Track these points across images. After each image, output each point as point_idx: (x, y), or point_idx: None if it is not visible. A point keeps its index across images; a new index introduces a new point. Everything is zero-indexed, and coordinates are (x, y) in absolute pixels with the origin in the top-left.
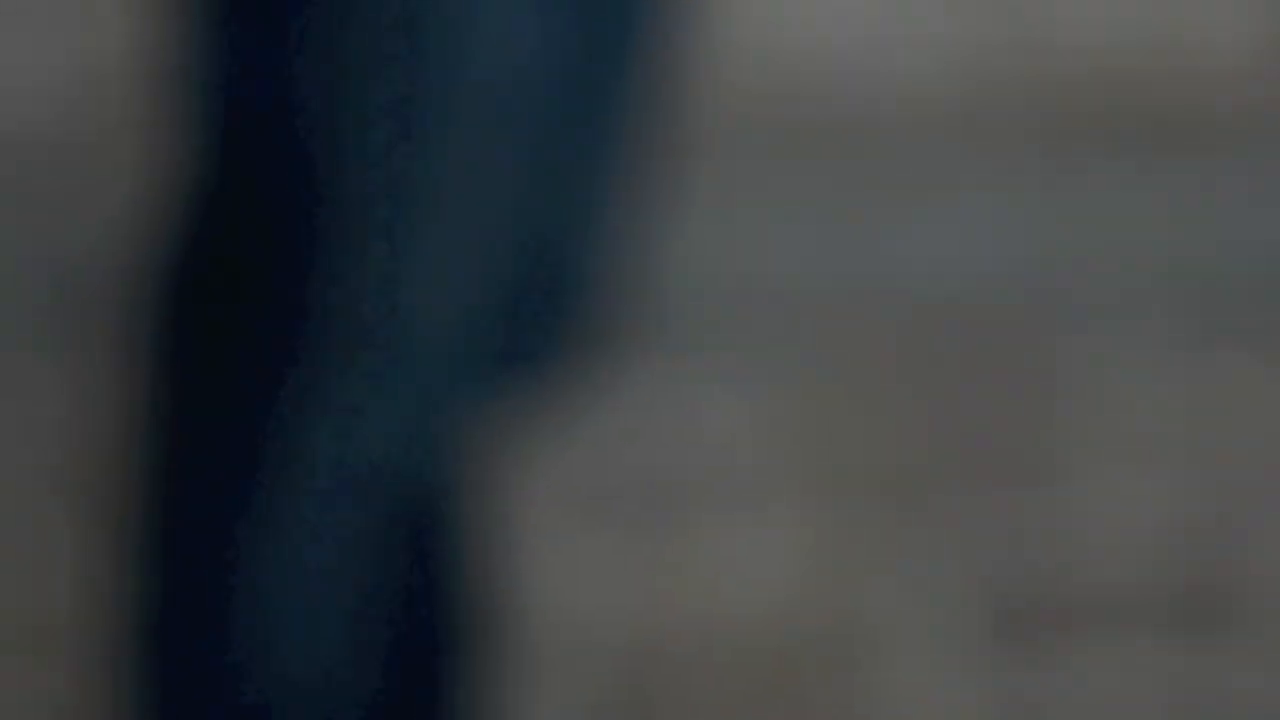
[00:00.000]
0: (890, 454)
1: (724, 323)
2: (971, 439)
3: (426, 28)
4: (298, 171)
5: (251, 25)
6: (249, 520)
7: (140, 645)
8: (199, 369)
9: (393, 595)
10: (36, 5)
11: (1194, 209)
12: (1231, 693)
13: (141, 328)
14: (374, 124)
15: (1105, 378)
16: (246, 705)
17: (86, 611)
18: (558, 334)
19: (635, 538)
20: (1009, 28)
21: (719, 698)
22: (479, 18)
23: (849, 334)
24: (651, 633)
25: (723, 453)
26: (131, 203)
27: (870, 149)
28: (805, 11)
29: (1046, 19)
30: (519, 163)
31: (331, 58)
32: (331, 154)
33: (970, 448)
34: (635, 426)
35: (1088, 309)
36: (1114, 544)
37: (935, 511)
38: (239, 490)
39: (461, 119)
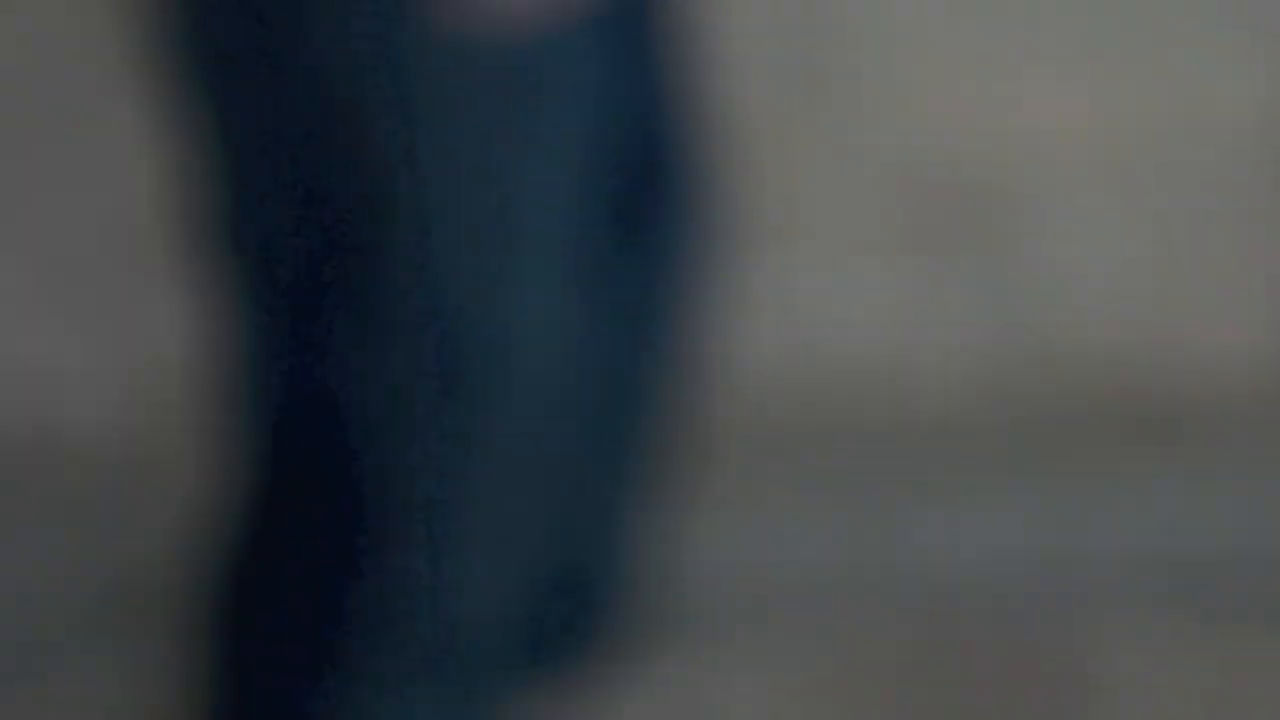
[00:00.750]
0: None
1: (748, 614)
2: None
3: (461, 335)
4: (340, 479)
5: (299, 333)
6: None
7: None
8: (248, 667)
9: None
10: (91, 310)
11: (1198, 503)
12: None
13: (194, 631)
14: (416, 430)
15: (1121, 666)
16: None
17: None
18: (588, 627)
19: None
20: (1021, 333)
21: None
22: (512, 322)
23: (870, 626)
24: None
25: None
26: (185, 507)
27: (888, 448)
28: (826, 315)
29: (1057, 325)
30: (551, 462)
31: (374, 365)
32: (371, 464)
33: None
34: (661, 718)
35: (1101, 601)
36: None
37: None
38: None
39: (496, 421)
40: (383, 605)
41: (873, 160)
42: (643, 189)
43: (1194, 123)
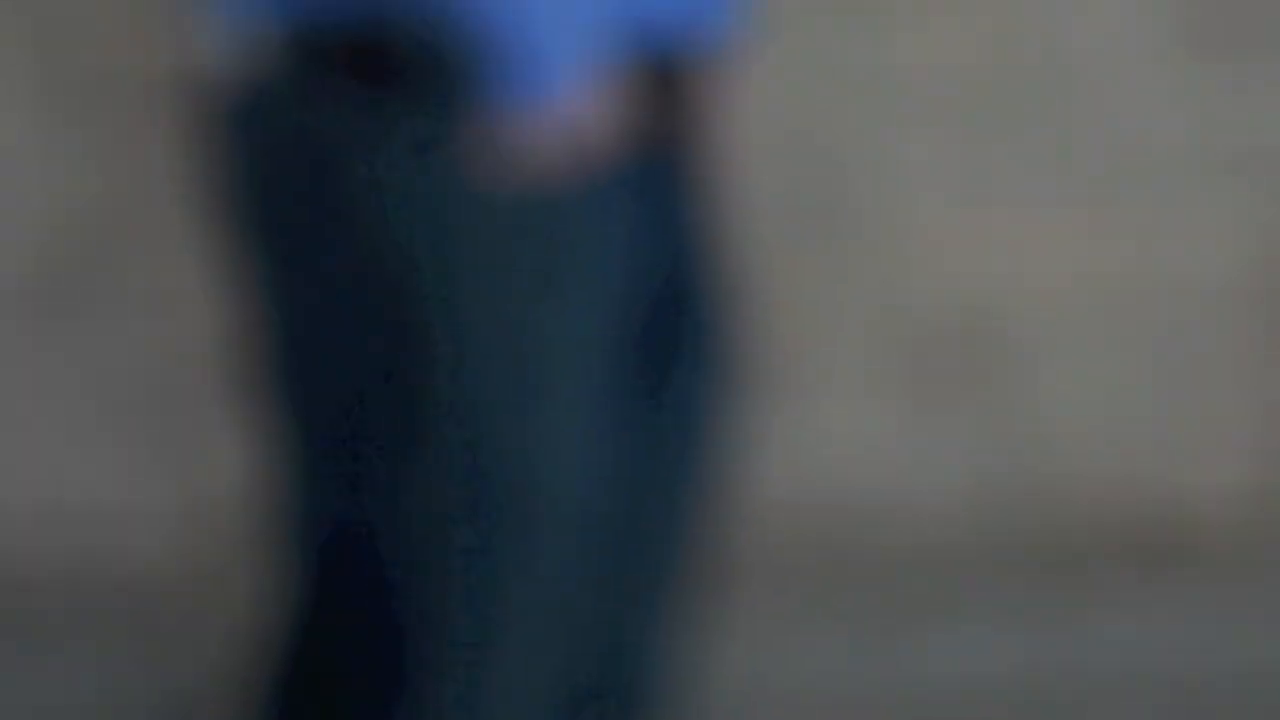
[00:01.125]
0: None
1: None
2: None
3: (495, 470)
4: (382, 606)
5: (343, 469)
6: None
7: None
8: None
9: None
10: (148, 445)
11: (1185, 625)
12: None
13: None
14: (453, 560)
15: None
16: None
17: None
18: None
19: None
20: (1018, 468)
21: None
22: (545, 459)
23: None
24: None
25: None
26: (236, 633)
27: (894, 573)
28: (836, 451)
29: (1051, 461)
30: (582, 589)
31: (413, 499)
32: (411, 592)
33: None
34: None
35: (1093, 717)
36: None
37: None
38: None
39: (529, 552)
40: (423, 706)
41: (879, 309)
42: (666, 333)
43: (1184, 273)
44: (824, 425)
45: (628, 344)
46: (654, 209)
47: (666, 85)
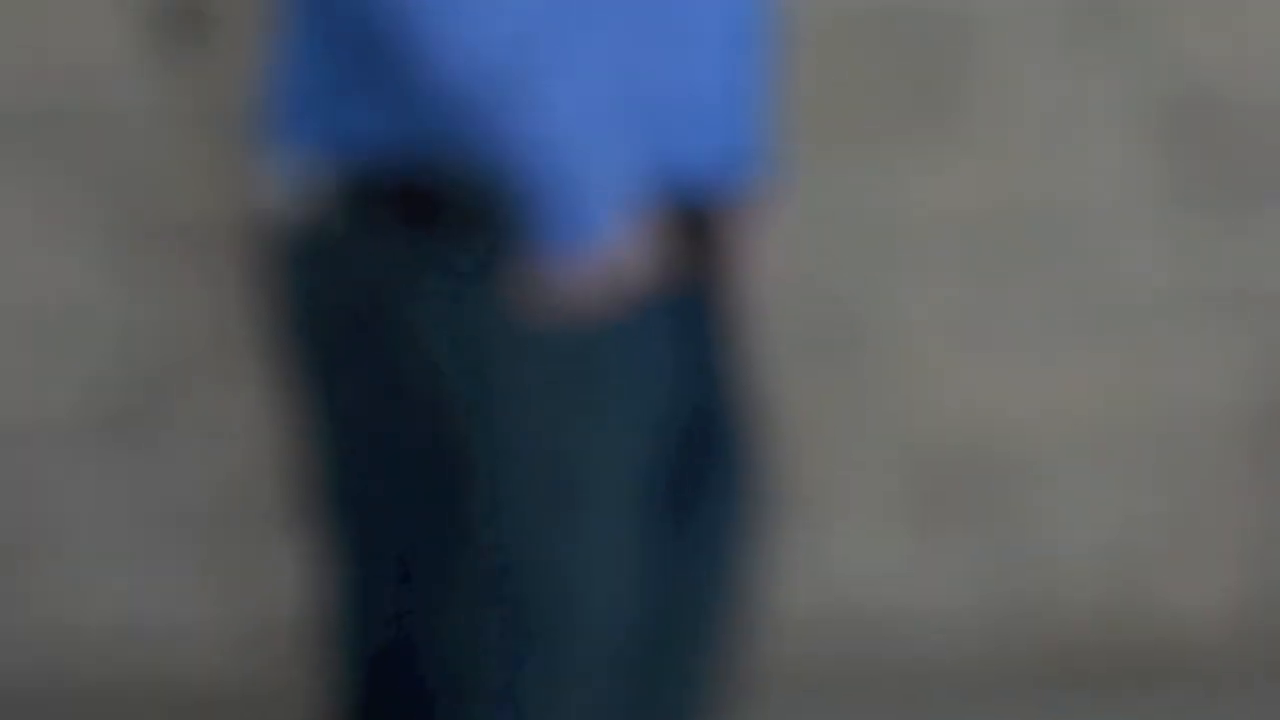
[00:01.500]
0: None
1: None
2: None
3: (530, 588)
4: (428, 715)
5: (389, 589)
6: None
7: None
8: None
9: None
10: (207, 561)
11: None
12: None
13: None
14: (491, 675)
15: None
16: None
17: None
18: None
19: None
20: (1019, 588)
21: None
22: (577, 576)
23: None
24: None
25: None
26: None
27: (904, 686)
28: (850, 572)
29: (1051, 582)
30: (614, 700)
31: (453, 617)
32: (456, 701)
33: None
34: None
35: None
36: None
37: None
38: None
39: (561, 666)
40: None
41: (892, 440)
42: (694, 461)
43: (1177, 409)
44: (841, 548)
45: (661, 470)
46: (685, 344)
47: (698, 228)
